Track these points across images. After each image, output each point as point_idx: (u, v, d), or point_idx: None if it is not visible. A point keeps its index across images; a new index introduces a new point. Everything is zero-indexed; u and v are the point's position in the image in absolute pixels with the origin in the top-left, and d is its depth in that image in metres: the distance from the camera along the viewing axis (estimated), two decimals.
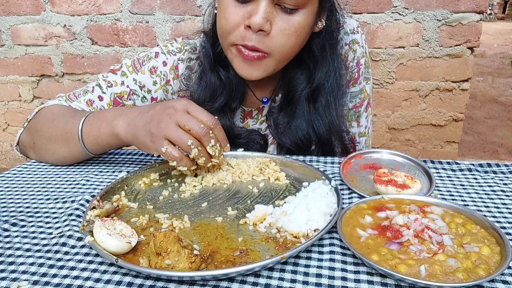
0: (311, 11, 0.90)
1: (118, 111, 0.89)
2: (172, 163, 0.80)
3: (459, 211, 0.67)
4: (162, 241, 0.57)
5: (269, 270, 0.58)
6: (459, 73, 2.10)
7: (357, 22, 1.11)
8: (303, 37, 0.92)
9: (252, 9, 0.86)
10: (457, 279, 0.53)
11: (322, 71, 1.01)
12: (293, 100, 1.04)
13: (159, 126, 0.78)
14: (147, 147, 0.82)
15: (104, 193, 0.78)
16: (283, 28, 0.88)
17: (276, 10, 0.87)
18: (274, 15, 0.87)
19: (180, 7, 2.20)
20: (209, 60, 1.04)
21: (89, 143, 0.90)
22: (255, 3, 0.86)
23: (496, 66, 7.21)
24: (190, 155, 0.79)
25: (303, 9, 0.88)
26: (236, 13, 0.88)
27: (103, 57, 2.38)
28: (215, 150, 0.80)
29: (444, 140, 2.26)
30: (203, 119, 0.79)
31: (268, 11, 0.85)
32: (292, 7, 0.86)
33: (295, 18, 0.88)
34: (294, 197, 0.76)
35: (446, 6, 1.98)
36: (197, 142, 0.78)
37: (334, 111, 1.04)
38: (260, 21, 0.84)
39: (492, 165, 0.90)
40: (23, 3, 2.33)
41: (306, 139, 1.04)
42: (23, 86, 2.56)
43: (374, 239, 0.62)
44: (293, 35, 0.89)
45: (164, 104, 0.82)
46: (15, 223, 0.72)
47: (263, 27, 0.86)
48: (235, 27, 0.89)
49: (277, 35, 0.88)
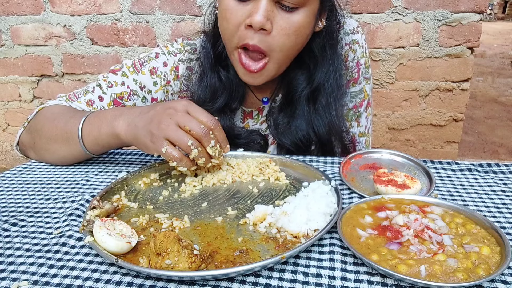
0: (312, 10, 0.90)
1: (118, 111, 0.89)
2: (172, 164, 0.80)
3: (459, 211, 0.68)
4: (162, 241, 0.57)
5: (269, 270, 0.58)
6: (459, 73, 2.10)
7: (357, 22, 1.11)
8: (303, 37, 0.92)
9: (252, 8, 0.86)
10: (457, 279, 0.53)
11: (322, 72, 1.01)
12: (293, 100, 1.04)
13: (159, 126, 0.78)
14: (147, 147, 0.82)
15: (104, 193, 0.78)
16: (284, 27, 0.87)
17: (277, 8, 0.87)
18: (275, 13, 0.87)
19: (180, 7, 2.20)
20: (210, 60, 1.05)
21: (89, 143, 0.90)
22: (255, 1, 0.86)
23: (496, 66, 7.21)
24: (190, 156, 0.79)
25: (303, 8, 0.88)
26: (236, 13, 0.88)
27: (103, 57, 2.38)
28: (215, 150, 0.81)
29: (444, 140, 2.26)
30: (203, 119, 0.80)
31: (268, 9, 0.85)
32: (292, 5, 0.86)
33: (295, 17, 0.88)
34: (294, 197, 0.76)
35: (446, 6, 1.98)
36: (197, 142, 0.79)
37: (334, 111, 1.04)
38: (261, 19, 0.84)
39: (492, 165, 0.90)
40: (23, 3, 2.33)
41: (305, 139, 1.04)
42: (23, 86, 2.56)
43: (374, 239, 0.62)
44: (293, 35, 0.89)
45: (165, 104, 0.82)
46: (15, 223, 0.72)
47: (264, 26, 0.85)
48: (236, 26, 0.89)
49: (277, 34, 0.88)
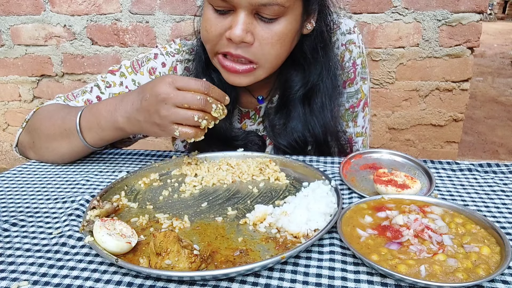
0: (294, 17, 0.88)
1: (111, 105, 0.88)
2: (190, 141, 0.82)
3: (459, 211, 0.67)
4: (162, 241, 0.57)
5: (269, 270, 0.58)
6: (459, 73, 2.10)
7: (353, 22, 1.10)
8: (288, 43, 0.91)
9: (231, 21, 0.85)
10: (457, 279, 0.53)
11: (315, 72, 1.01)
12: (289, 101, 1.04)
13: (160, 115, 0.79)
14: (159, 135, 0.85)
15: (104, 193, 0.78)
16: (266, 37, 0.86)
17: (256, 20, 0.85)
18: (255, 25, 0.85)
19: (180, 7, 2.20)
20: (201, 63, 1.04)
21: (92, 138, 0.91)
22: (234, 14, 0.84)
23: (496, 66, 7.21)
24: (200, 127, 0.81)
25: (283, 17, 0.86)
26: (216, 24, 0.87)
27: (103, 57, 2.38)
28: (219, 111, 0.82)
29: (444, 140, 2.26)
30: (195, 88, 0.79)
31: (247, 22, 0.84)
32: (271, 16, 0.84)
33: (276, 27, 0.86)
34: (294, 197, 0.76)
35: (446, 6, 1.98)
36: (201, 113, 0.79)
37: (329, 112, 1.03)
38: (240, 33, 0.83)
39: (492, 165, 0.90)
40: (23, 3, 2.33)
41: (301, 141, 1.04)
42: (23, 86, 2.56)
43: (374, 239, 0.62)
44: (276, 44, 0.87)
45: (151, 90, 0.80)
46: (15, 223, 0.72)
47: (245, 39, 0.84)
48: (217, 38, 0.88)
49: (260, 44, 0.86)
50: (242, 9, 0.82)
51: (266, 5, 0.81)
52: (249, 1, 0.81)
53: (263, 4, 0.81)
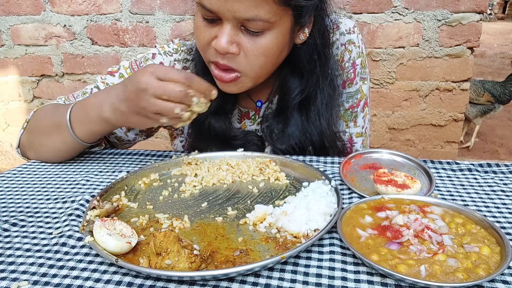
0: (281, 31, 0.87)
1: (98, 98, 0.88)
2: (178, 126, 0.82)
3: (459, 211, 0.67)
4: (162, 241, 0.57)
5: (269, 270, 0.58)
6: (459, 73, 2.10)
7: (353, 22, 1.10)
8: (274, 55, 0.90)
9: (218, 31, 0.85)
10: (457, 279, 0.53)
11: (312, 82, 1.00)
12: (287, 107, 1.04)
13: (140, 106, 0.77)
14: (146, 124, 0.83)
15: (104, 193, 0.78)
16: (251, 49, 0.85)
17: (242, 32, 0.85)
18: (240, 37, 0.85)
19: (180, 7, 2.20)
20: (201, 63, 1.04)
21: (81, 132, 0.91)
22: (220, 25, 0.84)
23: (496, 66, 7.21)
24: (182, 119, 0.78)
25: (270, 31, 0.85)
26: (204, 32, 0.87)
27: (103, 57, 2.38)
28: (201, 105, 0.79)
29: (444, 140, 2.26)
30: (176, 78, 0.76)
31: (232, 34, 0.83)
32: (257, 30, 0.84)
33: (261, 40, 0.85)
34: (294, 197, 0.76)
35: (446, 6, 1.98)
36: (183, 106, 0.76)
37: (326, 121, 1.03)
38: (224, 45, 0.83)
39: (492, 165, 0.90)
40: (23, 3, 2.33)
41: (298, 147, 1.04)
42: (23, 86, 2.56)
43: (374, 239, 0.62)
44: (261, 56, 0.87)
45: (133, 80, 0.79)
46: (15, 223, 0.72)
47: (229, 50, 0.84)
48: (206, 45, 0.88)
49: (245, 56, 0.86)
50: (227, 21, 0.83)
51: (250, 20, 0.81)
52: (233, 15, 0.80)
53: (247, 19, 0.81)
